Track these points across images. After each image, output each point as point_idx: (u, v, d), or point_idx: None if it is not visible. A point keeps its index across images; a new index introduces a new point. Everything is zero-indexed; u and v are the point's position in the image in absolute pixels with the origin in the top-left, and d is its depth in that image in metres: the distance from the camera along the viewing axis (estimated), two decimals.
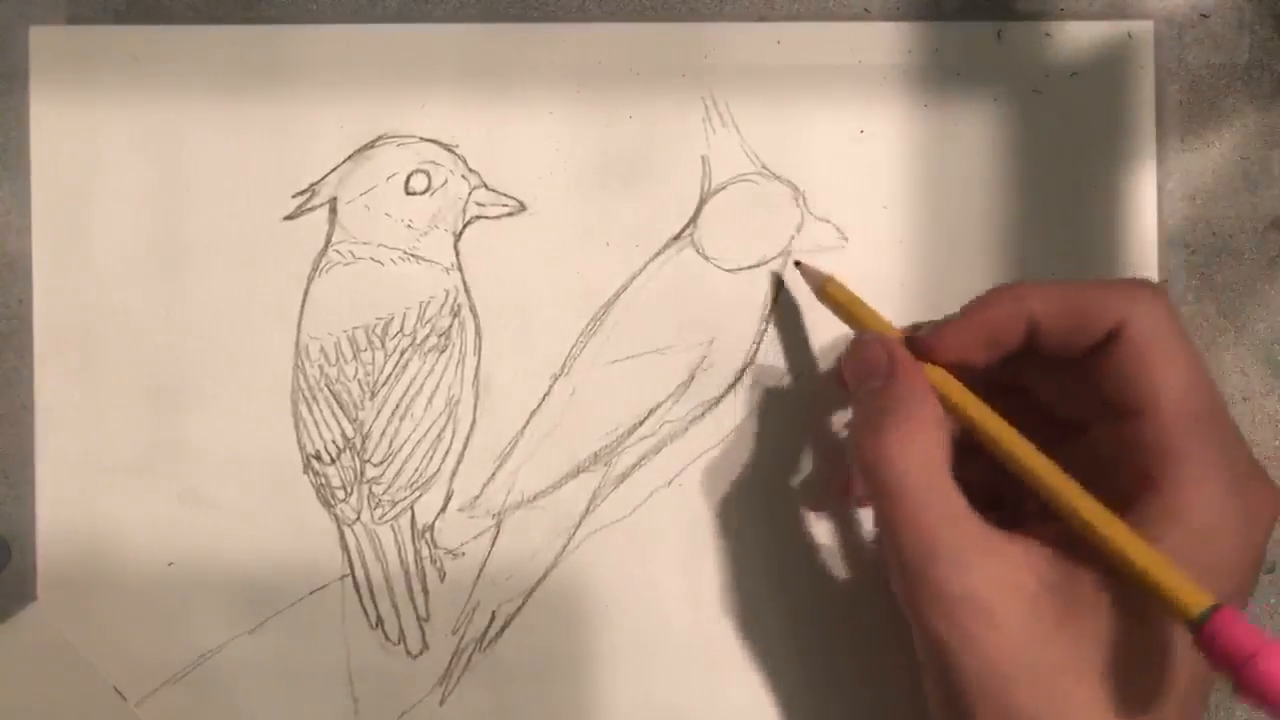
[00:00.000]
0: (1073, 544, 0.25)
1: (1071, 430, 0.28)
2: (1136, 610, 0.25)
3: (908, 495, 0.25)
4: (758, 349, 0.33)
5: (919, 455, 0.26)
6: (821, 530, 0.32)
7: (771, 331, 0.32)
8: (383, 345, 0.32)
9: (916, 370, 0.27)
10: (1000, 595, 0.25)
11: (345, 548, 0.32)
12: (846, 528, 0.32)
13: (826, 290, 0.31)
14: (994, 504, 0.27)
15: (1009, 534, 0.26)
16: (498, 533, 0.32)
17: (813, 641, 0.32)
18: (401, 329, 0.32)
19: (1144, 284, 0.26)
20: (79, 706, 0.32)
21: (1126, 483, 0.26)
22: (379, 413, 0.32)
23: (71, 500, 0.32)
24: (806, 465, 0.32)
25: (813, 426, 0.32)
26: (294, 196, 0.32)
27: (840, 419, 0.33)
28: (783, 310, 0.33)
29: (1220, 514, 0.25)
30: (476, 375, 0.32)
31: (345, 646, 0.32)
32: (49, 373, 0.32)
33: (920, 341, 0.28)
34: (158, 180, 0.32)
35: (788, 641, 0.32)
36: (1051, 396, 0.29)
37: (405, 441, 0.32)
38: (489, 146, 0.33)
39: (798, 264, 0.32)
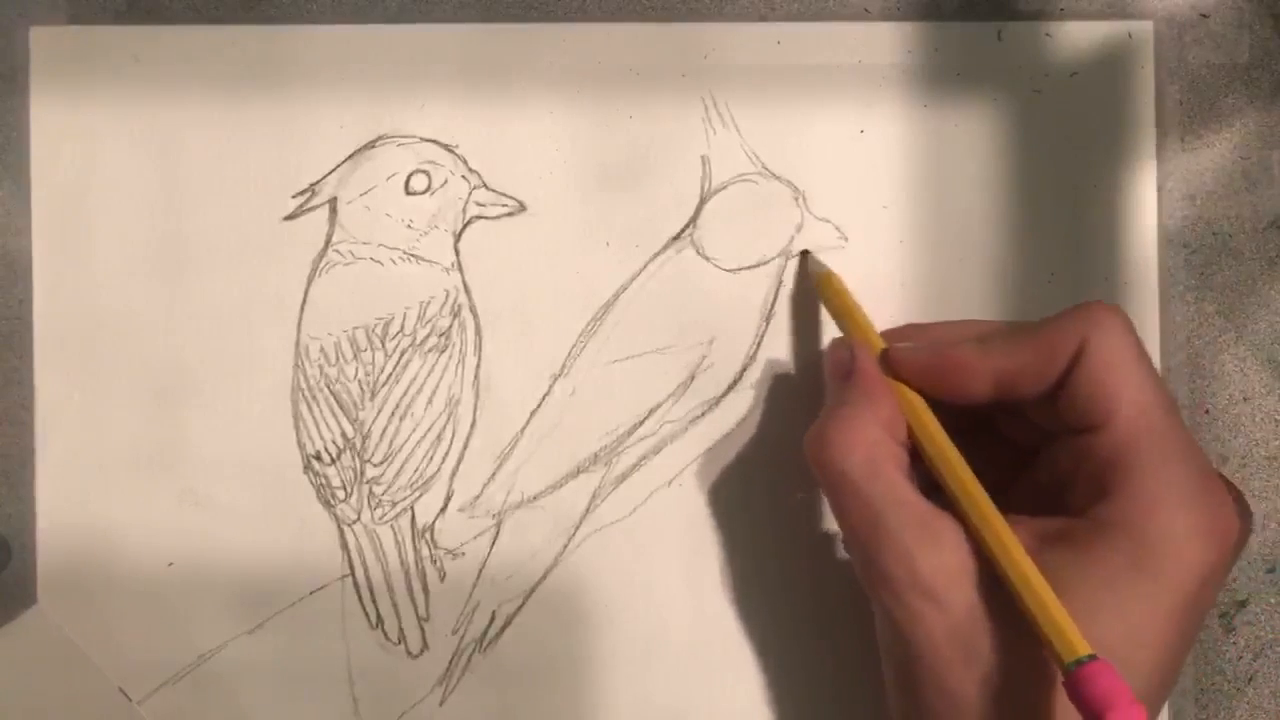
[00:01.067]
0: (1031, 544, 0.26)
1: (1024, 452, 0.29)
2: (1084, 620, 0.25)
3: (852, 484, 0.26)
4: (758, 349, 0.33)
5: (864, 445, 0.26)
6: (822, 530, 0.32)
7: (771, 331, 0.32)
8: (383, 345, 0.32)
9: (876, 375, 0.28)
10: (944, 578, 0.25)
11: (345, 548, 0.32)
12: None
13: (822, 285, 0.31)
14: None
15: (956, 519, 0.26)
16: (498, 533, 0.32)
17: (813, 642, 0.32)
18: (402, 329, 0.32)
19: (1100, 305, 0.27)
20: (85, 708, 0.32)
21: (1081, 494, 0.26)
22: (379, 413, 0.32)
23: (71, 500, 0.32)
24: (807, 465, 0.32)
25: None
26: (294, 196, 0.32)
27: None
28: (783, 310, 0.33)
29: (1172, 527, 0.25)
30: (476, 375, 0.32)
31: (345, 646, 0.32)
32: (49, 373, 0.32)
33: (892, 360, 0.28)
34: (158, 180, 0.32)
35: (788, 641, 0.32)
36: (1009, 422, 0.29)
37: (405, 441, 0.32)
38: (489, 147, 0.33)
39: (806, 253, 0.32)
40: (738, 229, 0.32)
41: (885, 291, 0.32)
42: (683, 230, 0.33)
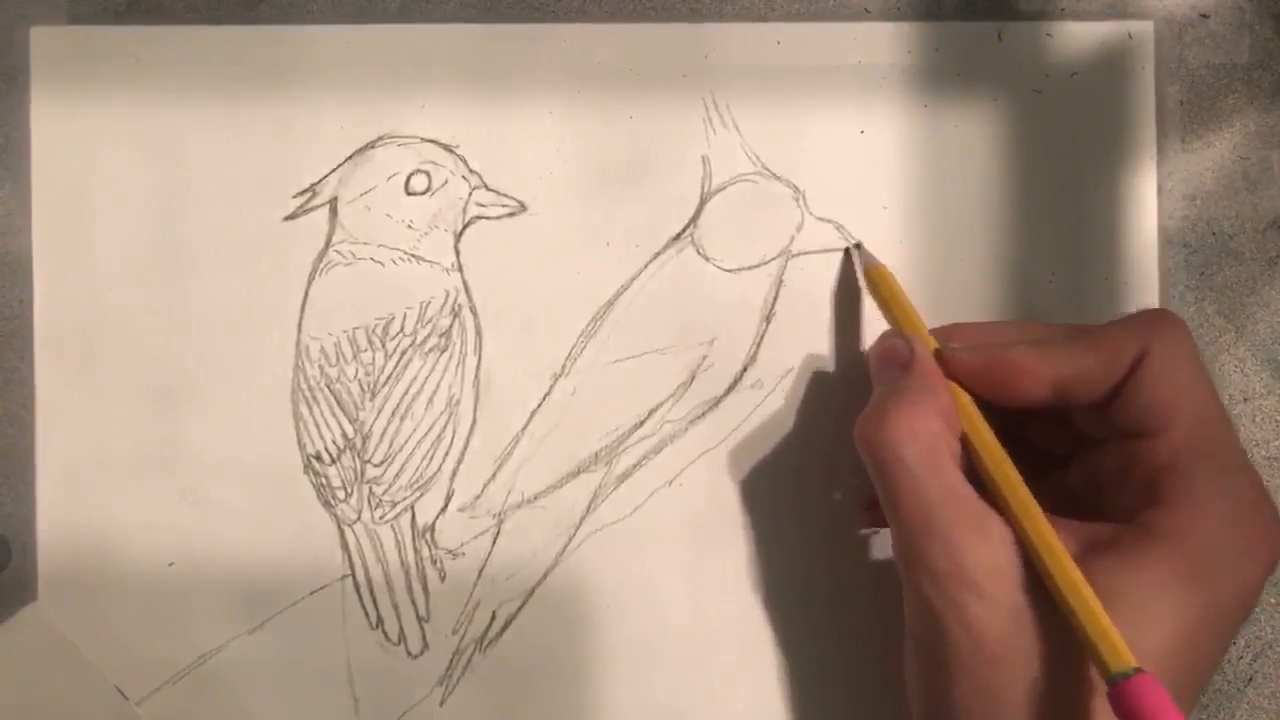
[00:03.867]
0: (1079, 549, 0.25)
1: (1047, 457, 0.29)
2: (1131, 631, 0.25)
3: (909, 472, 0.26)
4: (758, 349, 0.33)
5: (921, 435, 0.26)
6: (822, 530, 0.32)
7: (771, 331, 0.32)
8: (383, 345, 0.32)
9: (935, 368, 0.28)
10: (990, 575, 0.25)
11: (345, 548, 0.32)
12: (848, 528, 0.32)
13: (871, 278, 0.31)
14: None
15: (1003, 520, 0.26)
16: (498, 533, 0.32)
17: (813, 641, 0.32)
18: (402, 329, 0.32)
19: (1163, 313, 0.27)
20: (81, 706, 0.32)
21: (1128, 500, 0.26)
22: (379, 413, 0.32)
23: (71, 500, 0.32)
24: (807, 465, 0.32)
25: (813, 426, 0.32)
26: (294, 196, 0.32)
27: (841, 417, 0.33)
28: (783, 310, 0.32)
29: (1219, 539, 0.25)
30: (476, 375, 0.32)
31: (345, 646, 0.32)
32: (49, 373, 0.32)
33: (947, 360, 0.28)
34: (158, 180, 0.32)
35: (788, 641, 0.32)
36: (1040, 427, 0.29)
37: (405, 441, 0.32)
38: (489, 147, 0.33)
39: (858, 245, 0.32)
40: (738, 229, 0.32)
41: None
42: (683, 230, 0.33)
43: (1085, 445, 0.29)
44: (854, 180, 0.33)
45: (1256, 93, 0.33)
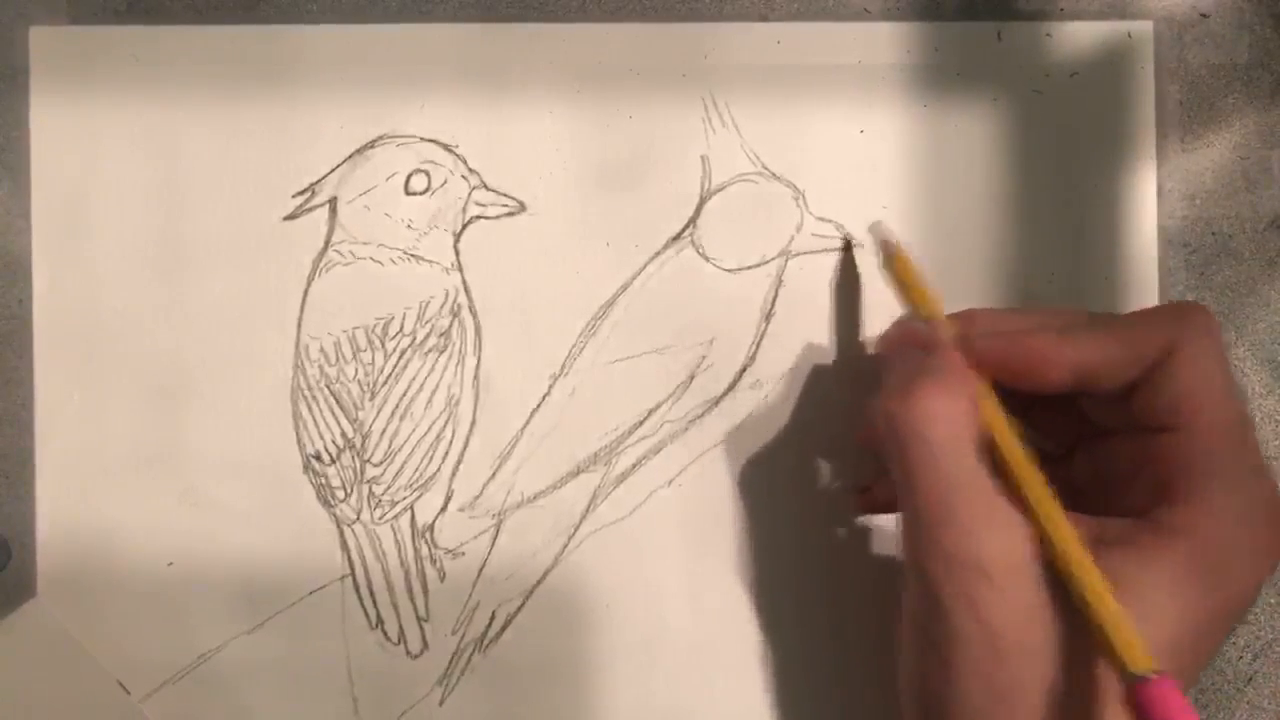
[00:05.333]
0: (1090, 542, 0.25)
1: (1045, 453, 0.29)
2: (1144, 622, 0.24)
3: (930, 453, 0.25)
4: (758, 349, 0.33)
5: (945, 416, 0.26)
6: (821, 530, 0.32)
7: (771, 331, 0.32)
8: (383, 345, 0.32)
9: (955, 353, 0.27)
10: (1005, 565, 0.25)
11: (345, 548, 0.32)
12: (847, 528, 0.32)
13: (890, 259, 0.30)
14: None
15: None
16: (498, 533, 0.32)
17: (813, 641, 0.32)
18: (401, 329, 0.32)
19: (1194, 306, 0.26)
20: (82, 701, 0.32)
21: (1141, 495, 0.26)
22: (379, 413, 0.32)
23: (71, 500, 0.32)
24: (807, 465, 0.32)
25: (812, 426, 0.32)
26: (294, 196, 0.32)
27: (840, 417, 0.33)
28: (783, 310, 0.32)
29: (1232, 537, 0.25)
30: (476, 375, 0.32)
31: (345, 646, 0.32)
32: (49, 373, 0.32)
33: (968, 346, 0.28)
34: (158, 180, 0.32)
35: (788, 642, 0.32)
36: (1047, 419, 0.29)
37: (405, 441, 0.32)
38: (489, 146, 0.33)
39: (878, 223, 0.32)
40: (738, 229, 0.32)
41: (885, 291, 0.32)
42: (683, 230, 0.33)
43: (1093, 436, 0.28)
44: (854, 180, 0.33)
45: (1256, 93, 0.33)
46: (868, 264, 0.32)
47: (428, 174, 0.32)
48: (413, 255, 0.32)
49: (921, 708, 0.26)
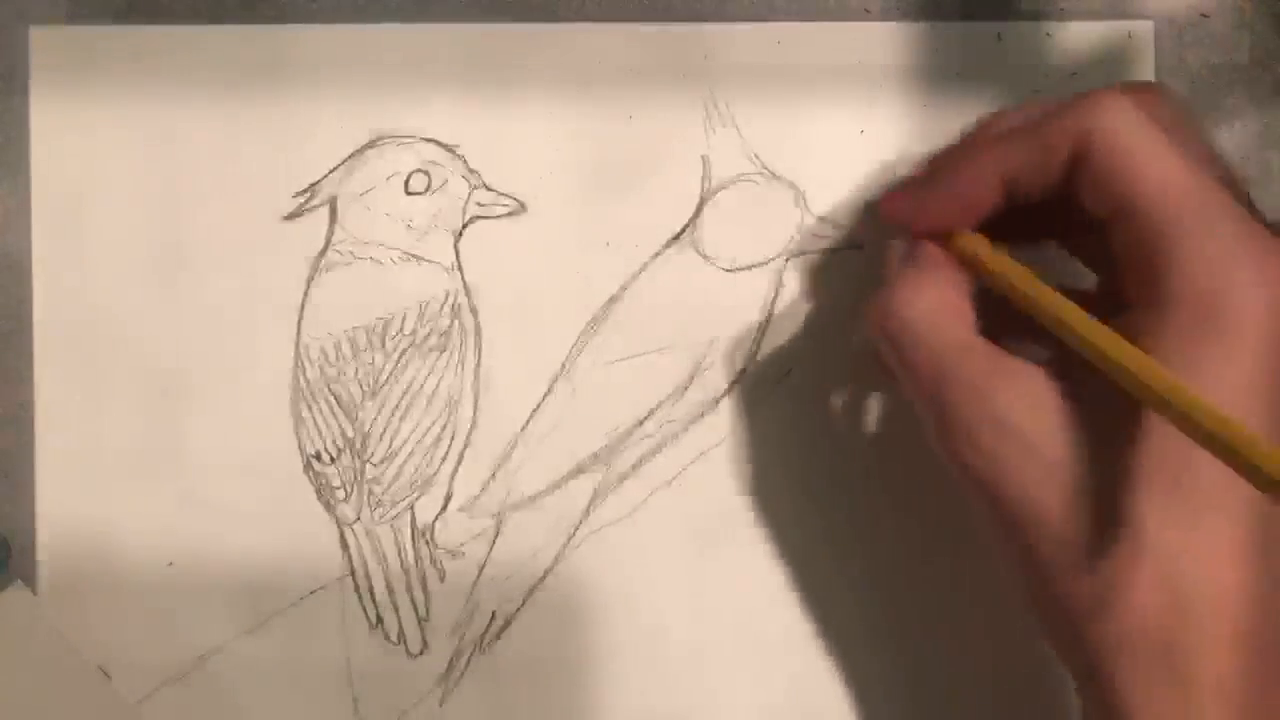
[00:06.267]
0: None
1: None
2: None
3: (915, 332, 0.25)
4: (758, 349, 0.33)
5: (928, 297, 0.26)
6: (822, 530, 0.32)
7: (771, 331, 0.33)
8: (383, 345, 0.32)
9: (932, 247, 0.27)
10: (1025, 414, 0.24)
11: (345, 548, 0.32)
12: (848, 527, 0.32)
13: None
14: None
15: (1031, 363, 0.25)
16: (498, 533, 0.32)
17: (814, 641, 0.32)
18: (401, 329, 0.32)
19: (1103, 92, 0.25)
20: (63, 687, 0.32)
21: (1130, 292, 0.25)
22: (379, 413, 0.32)
23: (71, 500, 0.32)
24: (807, 465, 0.32)
25: (813, 426, 0.32)
26: (294, 196, 0.32)
27: (840, 417, 0.33)
28: (783, 310, 0.33)
29: (1229, 281, 0.23)
30: (476, 375, 0.32)
31: (345, 646, 0.32)
32: (49, 373, 0.32)
33: (922, 213, 0.27)
34: (158, 180, 0.32)
35: (788, 642, 0.32)
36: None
37: (405, 441, 0.32)
38: (489, 146, 0.33)
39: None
40: (738, 229, 0.32)
41: None
42: (683, 230, 0.33)
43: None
44: (854, 180, 0.33)
45: (1256, 93, 0.33)
46: (867, 264, 0.32)
47: (428, 174, 0.32)
48: (413, 255, 0.32)
49: (1042, 614, 0.24)
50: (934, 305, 0.26)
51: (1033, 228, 0.28)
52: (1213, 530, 0.22)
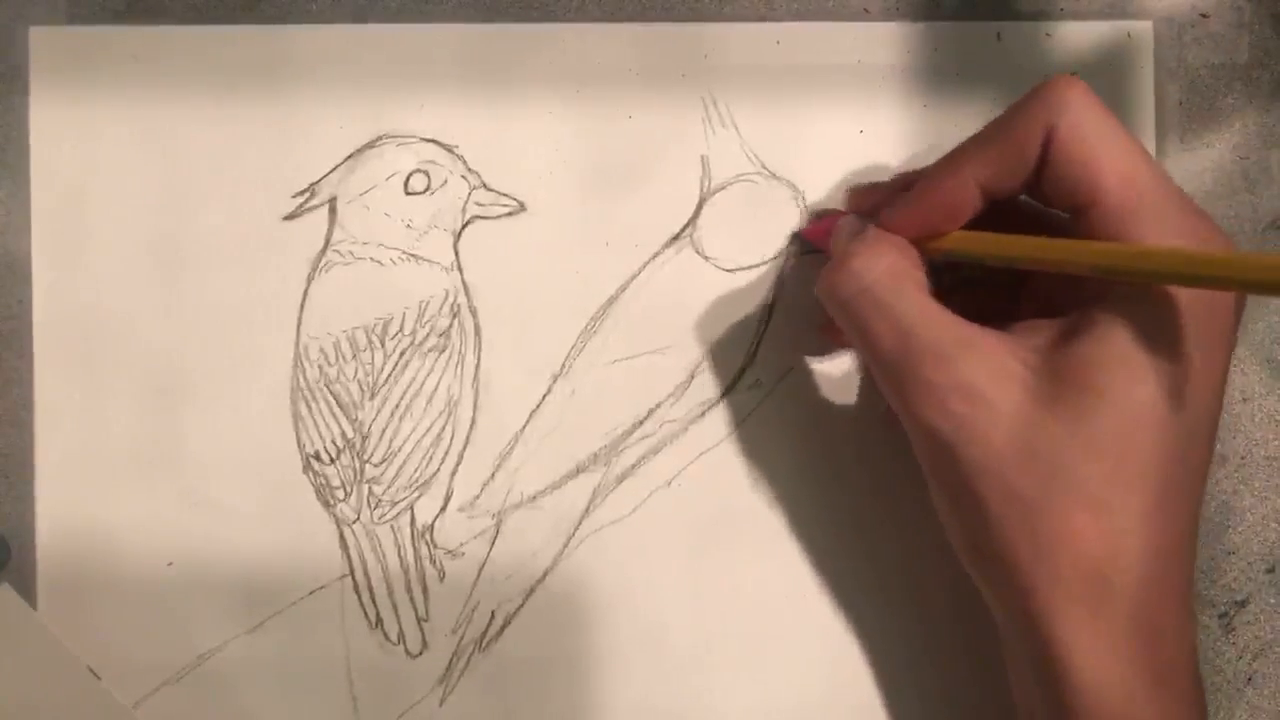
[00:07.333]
0: (1061, 337, 0.26)
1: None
2: (1132, 383, 0.25)
3: (875, 299, 0.26)
4: (758, 349, 0.33)
5: (885, 268, 0.26)
6: (821, 530, 0.32)
7: (771, 331, 0.32)
8: (382, 345, 0.32)
9: (874, 227, 0.28)
10: (991, 381, 0.25)
11: (345, 548, 0.32)
12: (848, 526, 0.32)
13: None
14: None
15: (991, 330, 0.26)
16: (497, 533, 0.32)
17: (813, 641, 0.32)
18: (401, 329, 0.32)
19: (1059, 82, 0.26)
20: (52, 686, 0.32)
21: (1095, 284, 0.26)
22: (379, 413, 0.32)
23: (71, 500, 0.32)
24: (806, 465, 0.32)
25: (812, 426, 0.32)
26: (294, 196, 0.33)
27: (840, 417, 0.33)
28: (783, 310, 0.32)
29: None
30: (476, 375, 0.32)
31: (345, 646, 0.32)
32: (49, 373, 0.32)
33: (887, 225, 0.28)
34: (158, 180, 0.32)
35: (787, 641, 0.32)
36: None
37: (405, 441, 0.32)
38: (489, 146, 0.33)
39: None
40: (737, 229, 0.32)
41: None
42: (682, 230, 0.33)
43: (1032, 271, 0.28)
44: (854, 180, 0.33)
45: (1256, 93, 0.33)
46: None
47: (428, 174, 0.32)
48: (412, 255, 0.32)
49: (971, 550, 0.26)
50: (892, 269, 0.27)
51: (996, 226, 0.28)
52: (1141, 490, 0.25)
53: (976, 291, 0.30)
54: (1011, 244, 0.26)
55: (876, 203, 0.29)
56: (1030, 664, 0.26)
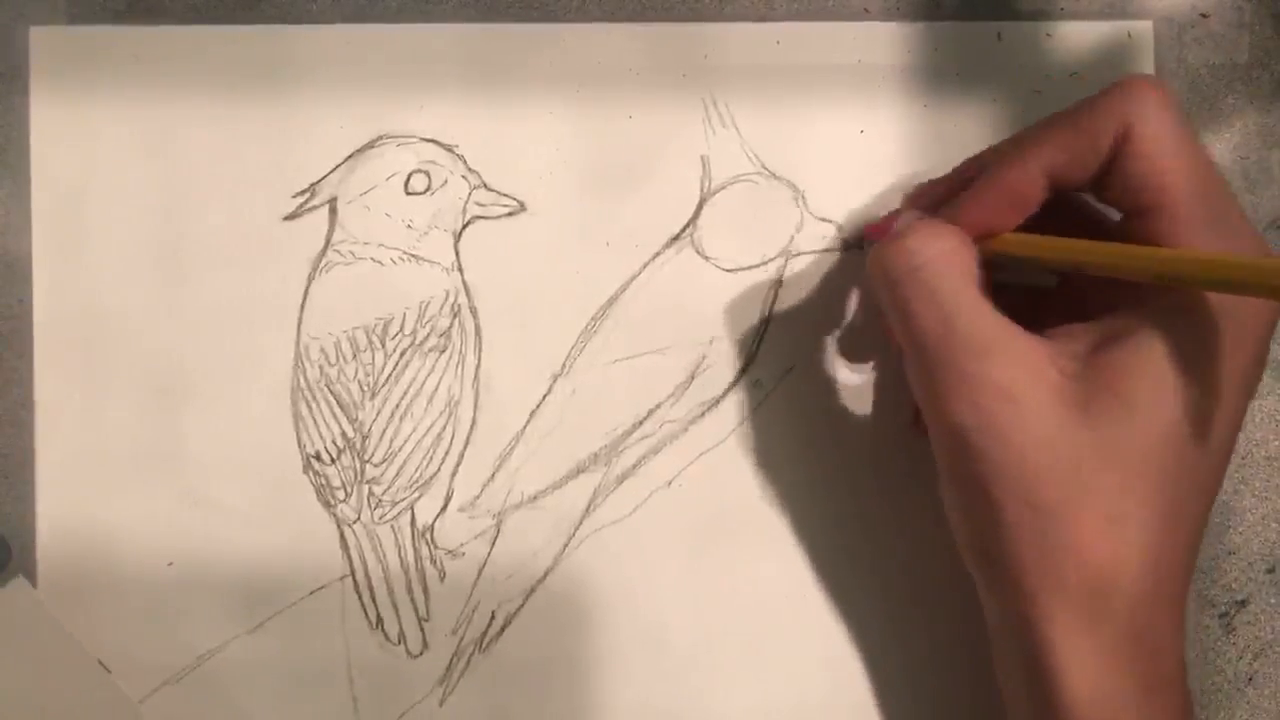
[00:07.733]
0: (1097, 344, 0.25)
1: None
2: (1163, 398, 0.24)
3: (923, 282, 0.26)
4: (758, 349, 0.33)
5: (939, 250, 0.26)
6: (821, 530, 0.32)
7: (771, 331, 0.33)
8: (383, 345, 0.32)
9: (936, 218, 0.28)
10: (1025, 382, 0.25)
11: (345, 548, 0.32)
12: (848, 526, 0.32)
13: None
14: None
15: (1033, 334, 0.26)
16: (498, 533, 0.32)
17: (813, 641, 0.32)
18: (401, 329, 0.32)
19: (1142, 80, 0.26)
20: (63, 680, 0.32)
21: (1140, 287, 0.26)
22: (379, 413, 0.32)
23: (71, 500, 0.32)
24: (806, 465, 0.32)
25: (813, 426, 0.32)
26: (294, 196, 0.33)
27: (840, 417, 0.33)
28: (783, 310, 0.33)
29: (1230, 301, 0.25)
30: (476, 375, 0.32)
31: (345, 646, 0.32)
32: (49, 373, 0.32)
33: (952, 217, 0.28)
34: (158, 180, 0.32)
35: (787, 641, 0.32)
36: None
37: (405, 441, 0.32)
38: (489, 146, 0.33)
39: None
40: (738, 229, 0.32)
41: None
42: (683, 230, 0.33)
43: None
44: (854, 180, 0.33)
45: (1256, 93, 0.33)
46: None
47: (428, 174, 0.32)
48: (413, 255, 0.32)
49: (978, 550, 0.26)
50: (946, 253, 0.26)
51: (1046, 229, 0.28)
52: (1153, 505, 0.25)
53: (1007, 292, 0.29)
54: (1067, 247, 0.26)
55: (937, 197, 0.29)
56: (1022, 669, 0.26)
